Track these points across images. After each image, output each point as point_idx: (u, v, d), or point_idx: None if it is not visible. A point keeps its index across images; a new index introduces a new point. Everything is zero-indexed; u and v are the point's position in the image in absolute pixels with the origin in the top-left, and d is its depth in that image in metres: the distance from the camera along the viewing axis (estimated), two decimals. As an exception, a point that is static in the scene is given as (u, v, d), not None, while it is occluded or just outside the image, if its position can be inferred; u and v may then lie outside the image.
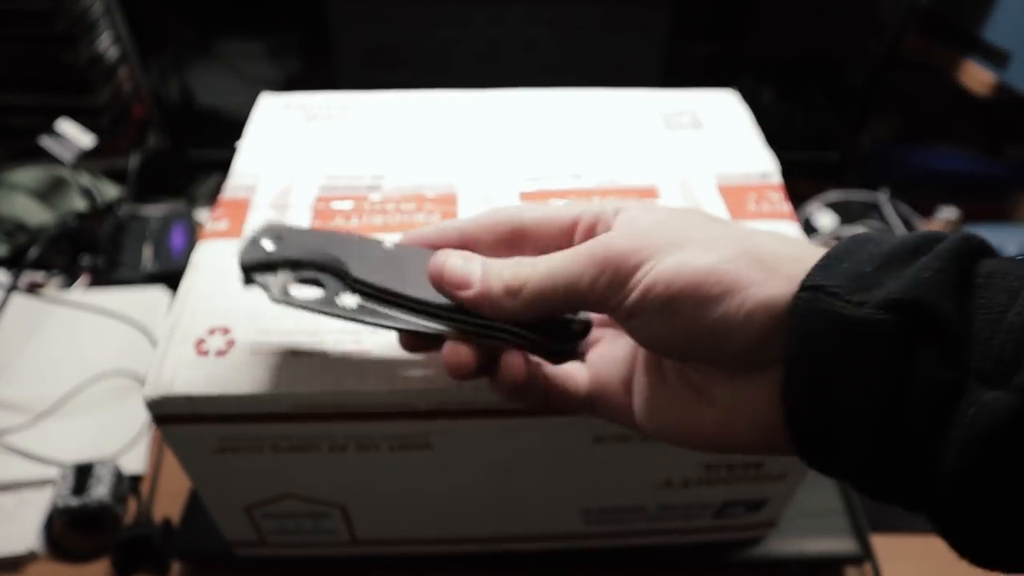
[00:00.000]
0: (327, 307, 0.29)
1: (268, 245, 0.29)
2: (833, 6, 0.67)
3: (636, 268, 0.24)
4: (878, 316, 0.20)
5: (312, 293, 0.29)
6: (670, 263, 0.23)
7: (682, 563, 0.48)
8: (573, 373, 0.29)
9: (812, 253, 0.23)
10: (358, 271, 0.28)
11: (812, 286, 0.21)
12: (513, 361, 0.27)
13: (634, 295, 0.24)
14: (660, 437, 0.27)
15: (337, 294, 0.29)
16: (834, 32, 0.70)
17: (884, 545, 0.49)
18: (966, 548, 0.21)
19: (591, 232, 0.28)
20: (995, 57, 0.68)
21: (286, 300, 0.29)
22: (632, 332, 0.26)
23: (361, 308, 0.28)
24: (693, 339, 0.24)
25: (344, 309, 0.28)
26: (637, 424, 0.28)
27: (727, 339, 0.23)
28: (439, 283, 0.27)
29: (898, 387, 0.20)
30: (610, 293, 0.24)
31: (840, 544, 0.48)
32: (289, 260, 0.29)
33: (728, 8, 0.69)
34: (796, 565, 0.48)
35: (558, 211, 0.29)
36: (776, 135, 0.48)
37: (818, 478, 0.50)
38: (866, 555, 0.48)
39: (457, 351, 0.27)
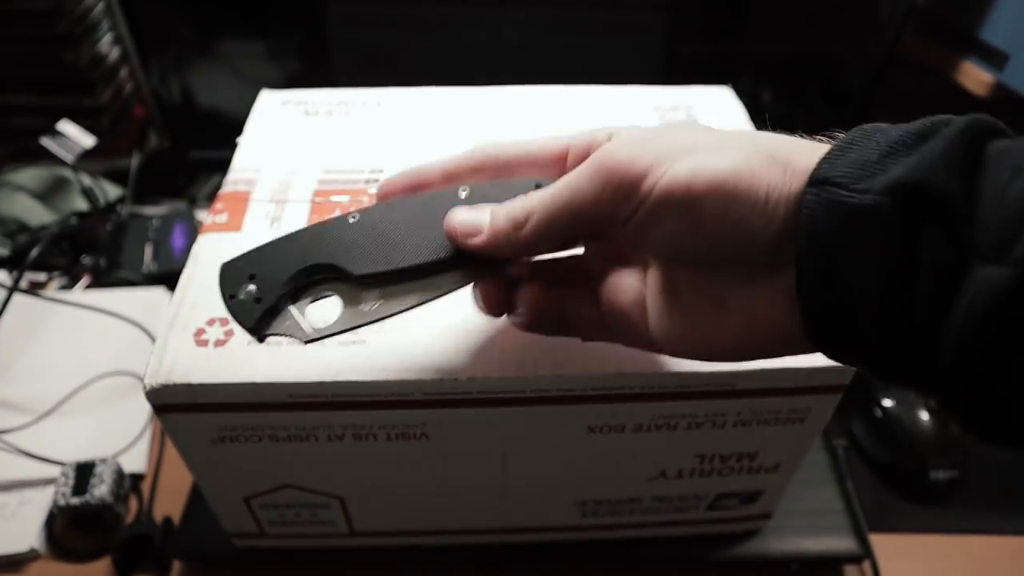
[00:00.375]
0: (358, 318, 0.28)
1: (249, 290, 0.28)
2: (832, 6, 0.68)
3: (643, 176, 0.23)
4: (882, 201, 0.20)
5: (330, 306, 0.29)
6: (683, 167, 0.23)
7: (681, 560, 0.48)
8: (587, 301, 0.29)
9: (821, 146, 0.23)
10: (355, 265, 0.28)
11: (819, 179, 0.21)
12: (531, 294, 0.28)
13: (649, 203, 0.23)
14: (680, 353, 0.27)
15: (353, 293, 0.28)
16: (833, 32, 0.70)
17: (884, 544, 0.49)
18: (972, 424, 0.21)
19: (585, 157, 0.26)
20: (993, 58, 0.68)
21: (319, 334, 0.28)
22: (648, 245, 0.25)
23: (384, 298, 0.28)
24: (717, 241, 0.23)
25: (373, 310, 0.28)
26: (655, 342, 0.27)
27: (753, 238, 0.22)
28: (455, 241, 0.27)
29: (903, 269, 0.20)
30: (618, 205, 0.24)
31: (839, 543, 0.48)
32: (283, 293, 0.28)
33: (727, 9, 0.69)
34: (796, 563, 0.48)
35: (545, 142, 0.29)
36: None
37: (818, 477, 0.50)
38: (865, 554, 0.48)
39: (487, 290, 0.28)
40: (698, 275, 0.25)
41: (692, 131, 0.25)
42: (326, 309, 0.29)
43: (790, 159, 0.22)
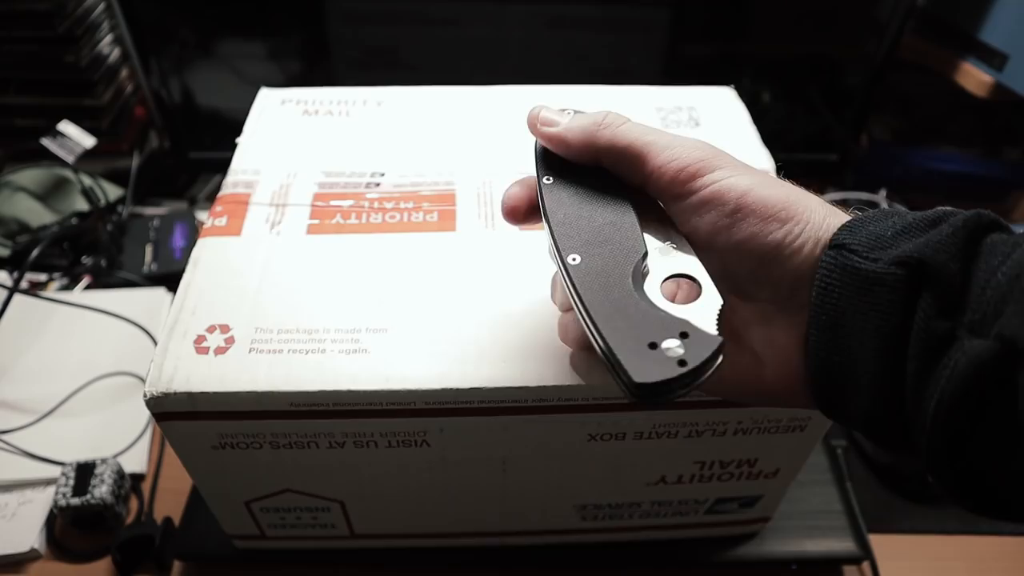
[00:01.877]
0: None
1: (675, 349, 0.23)
2: (832, 6, 0.68)
3: (709, 169, 0.27)
4: (888, 270, 0.23)
5: None
6: (743, 180, 0.26)
7: (681, 562, 0.48)
8: None
9: (843, 215, 0.26)
10: None
11: (838, 244, 0.24)
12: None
13: (706, 191, 0.26)
14: None
15: None
16: (833, 32, 0.70)
17: (883, 545, 0.49)
18: (954, 491, 0.23)
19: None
20: (993, 59, 0.68)
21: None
22: (692, 225, 0.27)
23: None
24: (746, 253, 0.26)
25: None
26: None
27: (777, 263, 0.25)
28: (533, 125, 0.31)
29: (898, 333, 0.23)
30: (681, 177, 0.27)
31: (839, 544, 0.48)
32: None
33: (727, 9, 0.69)
34: (795, 565, 0.48)
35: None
36: (775, 136, 0.48)
37: (817, 478, 0.50)
38: (865, 555, 0.48)
39: (515, 195, 0.31)
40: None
41: (746, 165, 0.28)
42: None
43: (826, 217, 0.25)
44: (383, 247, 0.39)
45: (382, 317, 0.35)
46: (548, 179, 0.30)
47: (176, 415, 0.33)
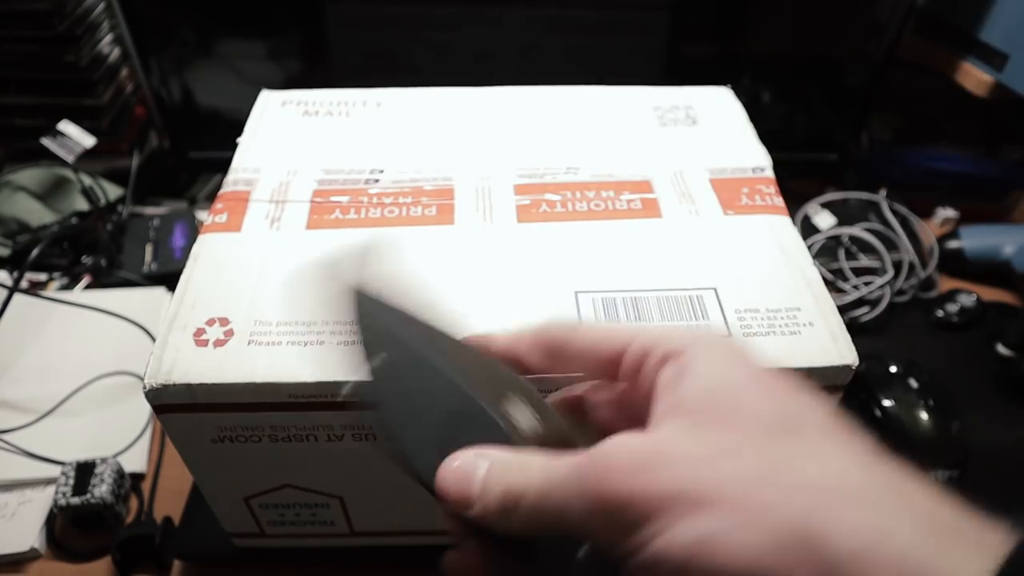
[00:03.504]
0: None
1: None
2: (832, 7, 0.68)
3: (644, 519, 0.18)
4: None
5: None
6: (685, 536, 0.17)
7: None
8: None
9: (925, 554, 0.15)
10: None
11: None
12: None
13: (635, 561, 0.18)
14: None
15: None
16: (833, 33, 0.70)
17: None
18: None
19: (636, 371, 0.23)
20: (993, 58, 0.68)
21: None
22: None
23: None
24: None
25: None
26: None
27: None
28: (445, 497, 0.22)
29: None
30: (611, 538, 0.18)
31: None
32: None
33: (727, 9, 0.69)
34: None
35: (608, 335, 0.24)
36: (775, 135, 0.48)
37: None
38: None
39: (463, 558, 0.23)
40: None
41: (751, 429, 0.19)
42: None
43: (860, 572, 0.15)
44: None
45: None
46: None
47: (175, 407, 0.34)
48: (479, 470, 0.21)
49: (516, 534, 0.21)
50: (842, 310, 0.64)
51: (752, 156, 0.45)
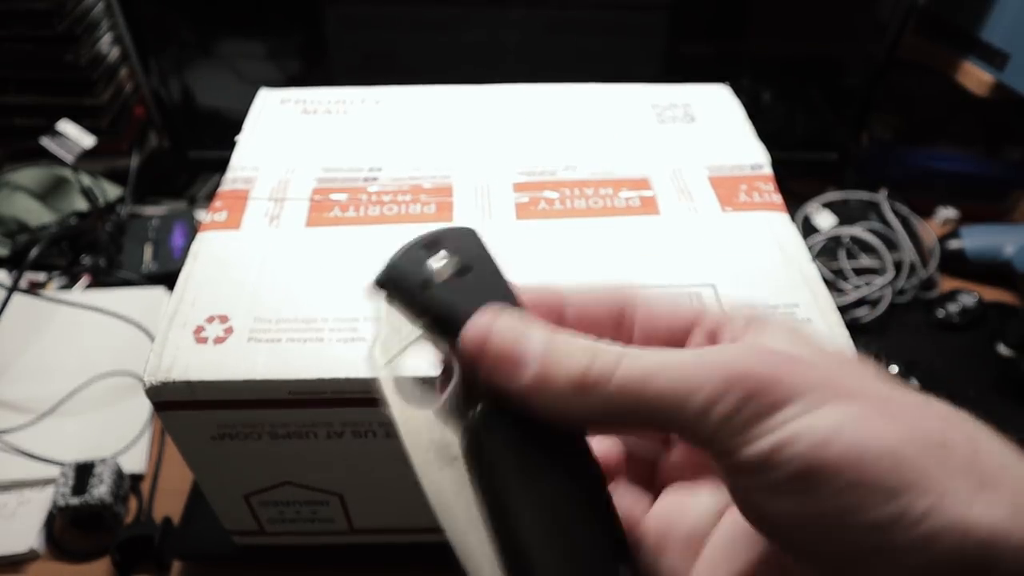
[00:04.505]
0: None
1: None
2: (833, 6, 0.68)
3: (781, 404, 0.16)
4: None
5: None
6: (828, 417, 0.16)
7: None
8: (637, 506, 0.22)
9: (1008, 471, 0.16)
10: None
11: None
12: None
13: (765, 442, 0.16)
14: None
15: None
16: (834, 32, 0.70)
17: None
18: None
19: (712, 340, 0.21)
20: (994, 58, 0.68)
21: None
22: (741, 495, 0.18)
23: None
24: (826, 538, 0.16)
25: None
26: None
27: (885, 557, 0.16)
28: (479, 352, 0.19)
29: None
30: (731, 426, 0.17)
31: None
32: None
33: (727, 9, 0.69)
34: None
35: (676, 304, 0.22)
36: (775, 135, 0.48)
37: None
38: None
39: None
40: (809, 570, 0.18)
41: (855, 365, 0.18)
42: None
43: (999, 473, 0.16)
44: (380, 238, 0.39)
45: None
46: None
47: (175, 404, 0.34)
48: (532, 330, 0.19)
49: (565, 419, 0.19)
50: (843, 310, 0.64)
51: (750, 153, 0.45)
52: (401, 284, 0.21)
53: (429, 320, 0.20)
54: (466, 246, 0.22)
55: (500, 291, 0.21)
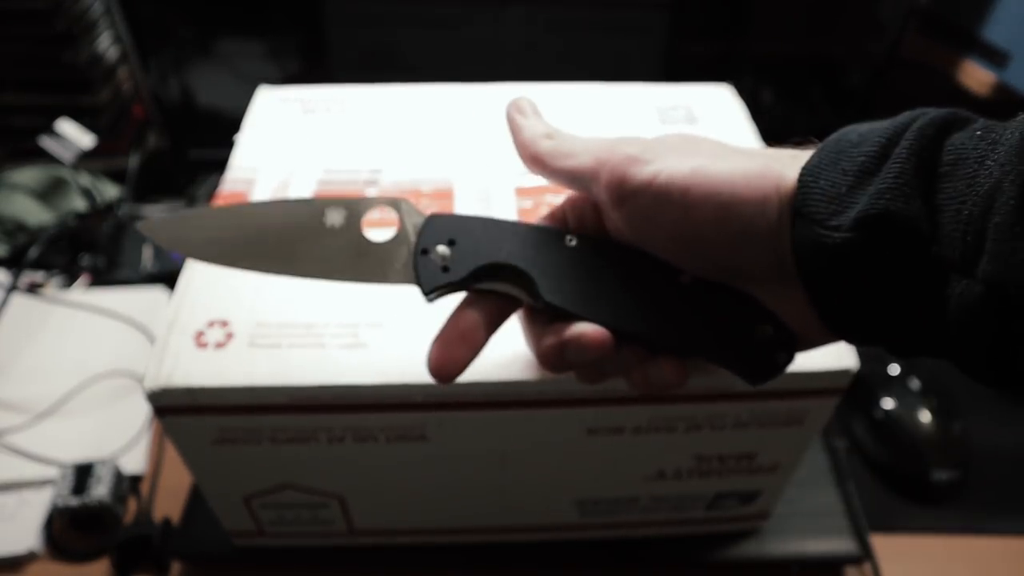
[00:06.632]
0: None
1: (443, 253, 0.27)
2: (832, 6, 0.67)
3: (643, 164, 0.24)
4: (853, 237, 0.21)
5: None
6: (684, 165, 0.24)
7: (681, 561, 0.48)
8: None
9: (804, 160, 0.23)
10: (550, 291, 0.26)
11: (798, 211, 0.22)
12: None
13: (648, 193, 0.24)
14: None
15: (528, 308, 0.27)
16: (833, 32, 0.70)
17: (884, 545, 0.49)
18: (982, 378, 0.22)
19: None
20: (995, 57, 0.68)
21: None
22: (649, 241, 0.25)
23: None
24: (717, 250, 0.24)
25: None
26: None
27: (756, 252, 0.24)
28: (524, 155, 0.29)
29: (890, 287, 0.21)
30: (614, 189, 0.25)
31: (840, 544, 0.48)
32: (468, 275, 0.27)
33: (728, 9, 0.69)
34: (796, 565, 0.48)
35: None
36: (776, 135, 0.48)
37: (818, 478, 0.50)
38: (866, 555, 0.48)
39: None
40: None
41: (693, 139, 0.26)
42: None
43: (782, 175, 0.23)
44: None
45: (380, 311, 0.35)
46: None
47: (176, 409, 0.34)
48: (540, 125, 0.31)
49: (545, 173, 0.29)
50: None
51: None
52: (440, 287, 0.27)
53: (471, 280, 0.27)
54: (432, 230, 0.27)
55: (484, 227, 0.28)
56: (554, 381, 0.33)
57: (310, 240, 0.27)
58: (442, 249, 0.27)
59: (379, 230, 0.27)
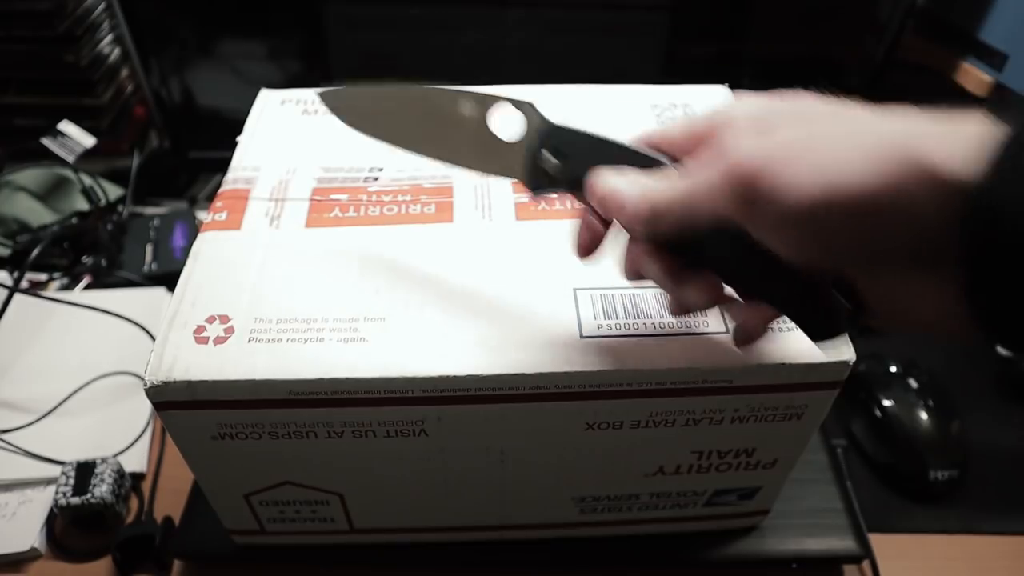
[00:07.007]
0: None
1: (550, 161, 0.30)
2: (832, 6, 0.68)
3: (771, 185, 0.22)
4: None
5: None
6: (811, 180, 0.21)
7: (680, 559, 0.48)
8: None
9: (963, 139, 0.20)
10: None
11: (985, 210, 0.19)
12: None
13: (779, 217, 0.22)
14: None
15: None
16: (833, 32, 0.70)
17: (883, 544, 0.49)
18: None
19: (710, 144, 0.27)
20: (992, 58, 0.68)
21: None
22: (782, 250, 0.24)
23: None
24: (853, 256, 0.23)
25: None
26: None
27: (899, 251, 0.22)
28: (602, 204, 0.28)
29: None
30: (749, 214, 0.23)
31: (839, 543, 0.48)
32: (573, 181, 0.30)
33: (727, 9, 0.69)
34: (795, 563, 0.48)
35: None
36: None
37: (817, 476, 0.50)
38: (865, 554, 0.48)
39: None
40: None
41: (812, 116, 0.24)
42: None
43: (935, 166, 0.20)
44: (381, 238, 0.39)
45: (380, 307, 0.35)
46: None
47: (176, 404, 0.34)
48: (629, 182, 0.27)
49: (659, 237, 0.27)
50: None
51: None
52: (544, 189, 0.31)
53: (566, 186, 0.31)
54: (549, 137, 0.31)
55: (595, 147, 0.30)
56: (552, 374, 0.33)
57: (448, 126, 0.32)
58: (550, 157, 0.30)
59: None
